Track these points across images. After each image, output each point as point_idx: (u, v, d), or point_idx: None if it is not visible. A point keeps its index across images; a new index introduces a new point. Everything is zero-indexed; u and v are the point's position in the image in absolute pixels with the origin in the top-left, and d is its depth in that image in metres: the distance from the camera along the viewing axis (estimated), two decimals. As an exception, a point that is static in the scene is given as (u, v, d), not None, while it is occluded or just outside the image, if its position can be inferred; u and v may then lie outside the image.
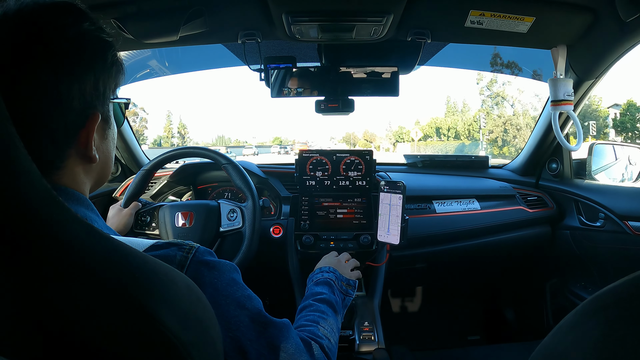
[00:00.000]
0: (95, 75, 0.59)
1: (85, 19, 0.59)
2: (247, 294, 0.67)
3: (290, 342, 0.70)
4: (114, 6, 1.20)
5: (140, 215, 1.47)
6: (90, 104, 0.59)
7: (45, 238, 0.37)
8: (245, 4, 1.25)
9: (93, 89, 0.59)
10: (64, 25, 0.56)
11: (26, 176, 0.37)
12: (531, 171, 2.04)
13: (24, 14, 0.53)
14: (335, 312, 0.99)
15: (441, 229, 1.80)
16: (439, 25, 1.37)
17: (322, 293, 1.03)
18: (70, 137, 0.58)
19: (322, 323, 0.90)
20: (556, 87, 1.45)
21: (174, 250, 0.61)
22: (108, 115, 0.65)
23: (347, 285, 1.16)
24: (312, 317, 0.91)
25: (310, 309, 0.95)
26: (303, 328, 0.87)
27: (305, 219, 1.68)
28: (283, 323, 0.72)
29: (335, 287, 1.09)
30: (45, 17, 0.55)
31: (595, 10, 1.25)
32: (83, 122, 0.59)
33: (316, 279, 1.13)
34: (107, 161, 0.69)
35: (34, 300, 0.37)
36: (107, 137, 0.67)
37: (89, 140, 0.60)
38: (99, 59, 0.60)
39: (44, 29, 0.54)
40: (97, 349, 0.39)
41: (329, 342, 0.85)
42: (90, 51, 0.59)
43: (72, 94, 0.56)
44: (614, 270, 1.70)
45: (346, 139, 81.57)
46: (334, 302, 1.01)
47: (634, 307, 0.38)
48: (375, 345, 1.37)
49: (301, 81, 1.56)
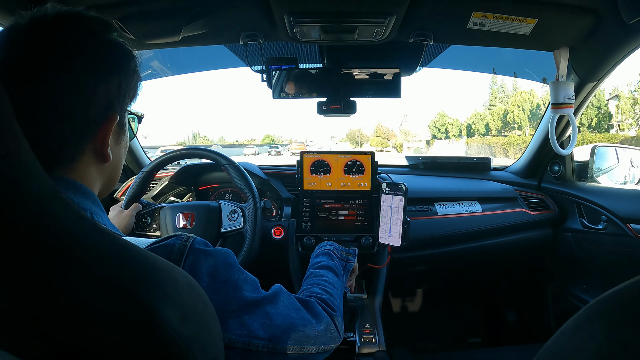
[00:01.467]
0: (119, 78, 0.64)
1: (114, 30, 0.66)
2: (243, 277, 0.69)
3: (281, 304, 0.73)
4: (116, 7, 1.21)
5: (141, 217, 1.47)
6: (111, 105, 0.64)
7: (48, 233, 0.38)
8: (247, 5, 1.25)
9: (116, 91, 0.64)
10: (95, 30, 0.63)
11: (30, 173, 0.37)
12: (533, 173, 2.03)
13: (61, 17, 0.60)
14: (336, 274, 1.02)
15: (443, 231, 1.79)
16: (441, 26, 1.37)
17: (321, 262, 1.06)
18: (89, 133, 0.62)
19: (321, 282, 0.93)
20: (557, 90, 1.45)
21: (173, 240, 0.64)
22: (124, 121, 0.70)
23: (347, 254, 1.18)
24: (312, 281, 0.95)
25: (310, 277, 0.99)
26: (303, 292, 0.91)
27: (306, 220, 1.67)
28: (275, 290, 0.75)
29: (334, 255, 1.12)
30: (80, 21, 0.62)
31: (598, 12, 1.25)
32: (103, 120, 0.63)
33: (315, 253, 1.15)
34: (118, 165, 0.73)
35: (35, 294, 0.38)
36: (121, 143, 0.71)
37: (106, 139, 0.64)
38: (124, 64, 0.66)
39: (79, 30, 0.61)
40: (97, 344, 0.40)
41: (329, 296, 0.88)
42: (117, 56, 0.65)
43: (98, 92, 0.61)
44: (616, 274, 1.70)
45: (350, 137, 77.20)
46: (333, 267, 1.04)
47: (637, 311, 0.37)
48: (376, 348, 1.37)
49: (303, 82, 1.55)
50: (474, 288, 2.47)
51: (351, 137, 76.21)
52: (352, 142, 73.87)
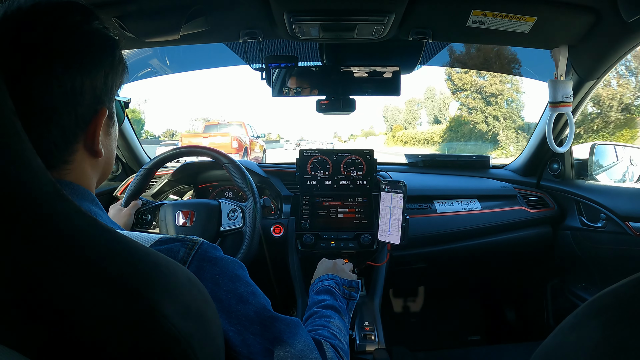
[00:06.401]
0: (105, 70, 0.61)
1: (94, 17, 0.61)
2: (251, 290, 0.66)
3: (299, 338, 0.68)
4: (115, 5, 1.20)
5: (141, 214, 1.47)
6: (99, 99, 0.61)
7: (48, 229, 0.38)
8: (247, 3, 1.25)
9: (103, 85, 0.61)
10: (75, 23, 0.58)
11: (30, 169, 0.38)
12: (532, 171, 2.04)
13: (37, 10, 0.55)
14: (341, 315, 0.96)
15: (442, 229, 1.80)
16: (441, 25, 1.37)
17: (324, 300, 1.00)
18: (79, 132, 0.60)
19: (330, 325, 0.87)
20: (555, 89, 1.45)
21: (177, 246, 0.62)
22: (113, 112, 0.67)
23: (350, 288, 1.11)
24: (319, 322, 0.89)
25: (315, 316, 0.92)
26: (311, 332, 0.82)
27: (306, 218, 1.68)
28: (292, 320, 0.70)
29: (337, 294, 1.05)
30: (57, 14, 0.57)
31: (598, 11, 1.25)
32: (91, 116, 0.61)
33: (317, 288, 1.08)
34: (110, 157, 0.70)
35: (35, 289, 0.38)
36: (111, 134, 0.69)
37: (96, 135, 0.62)
38: (108, 55, 0.62)
39: (56, 25, 0.56)
40: (98, 339, 0.40)
41: (339, 342, 0.83)
42: (100, 48, 0.61)
43: (84, 89, 0.58)
44: (614, 271, 1.70)
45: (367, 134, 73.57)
46: (338, 307, 0.98)
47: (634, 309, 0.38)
48: (375, 345, 1.37)
49: (302, 80, 1.55)
50: (474, 286, 2.47)
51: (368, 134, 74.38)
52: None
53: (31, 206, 0.37)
